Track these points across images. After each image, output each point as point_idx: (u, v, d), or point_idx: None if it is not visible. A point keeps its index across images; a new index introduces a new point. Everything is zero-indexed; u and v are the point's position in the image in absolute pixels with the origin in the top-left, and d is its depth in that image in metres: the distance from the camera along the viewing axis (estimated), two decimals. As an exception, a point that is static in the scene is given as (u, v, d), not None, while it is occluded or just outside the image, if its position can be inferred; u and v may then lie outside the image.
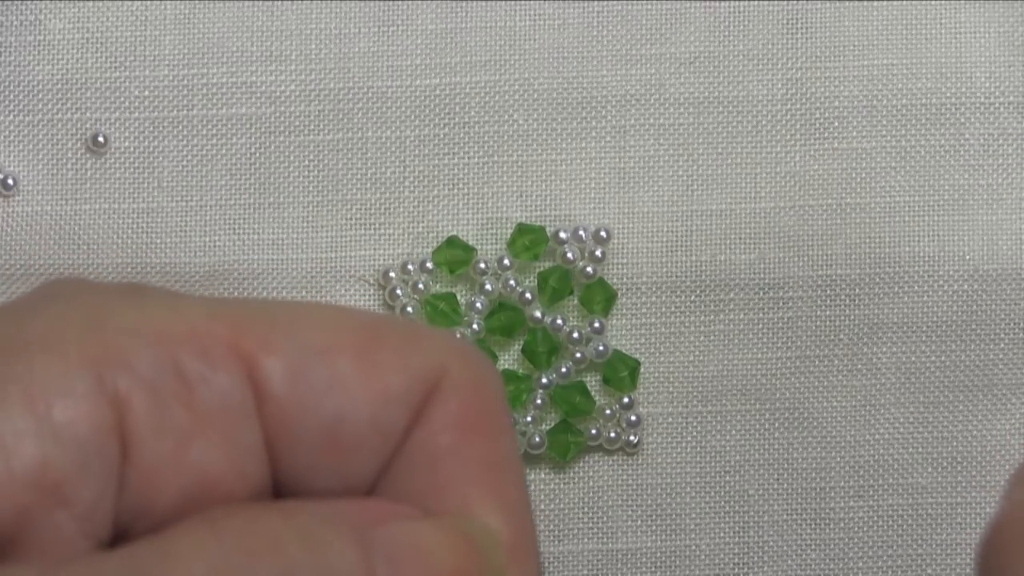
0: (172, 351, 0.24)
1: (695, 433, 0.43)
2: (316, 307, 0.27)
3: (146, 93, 0.43)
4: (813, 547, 0.43)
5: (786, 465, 0.43)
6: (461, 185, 0.43)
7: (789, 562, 0.43)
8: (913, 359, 0.43)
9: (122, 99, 0.43)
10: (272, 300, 0.26)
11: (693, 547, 0.43)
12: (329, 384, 0.25)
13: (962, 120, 0.44)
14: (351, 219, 0.43)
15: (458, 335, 0.42)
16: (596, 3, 0.44)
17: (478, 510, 0.27)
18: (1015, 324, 0.43)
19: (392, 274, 0.43)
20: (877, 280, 0.43)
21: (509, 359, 0.43)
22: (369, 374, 0.26)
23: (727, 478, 0.43)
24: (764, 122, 0.44)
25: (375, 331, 0.26)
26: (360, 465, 0.26)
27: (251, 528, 0.24)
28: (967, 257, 0.44)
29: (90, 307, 0.25)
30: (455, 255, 0.43)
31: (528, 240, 0.43)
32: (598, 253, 0.43)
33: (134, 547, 0.23)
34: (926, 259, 0.43)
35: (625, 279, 0.43)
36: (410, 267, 0.43)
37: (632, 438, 0.43)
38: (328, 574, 0.24)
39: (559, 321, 0.43)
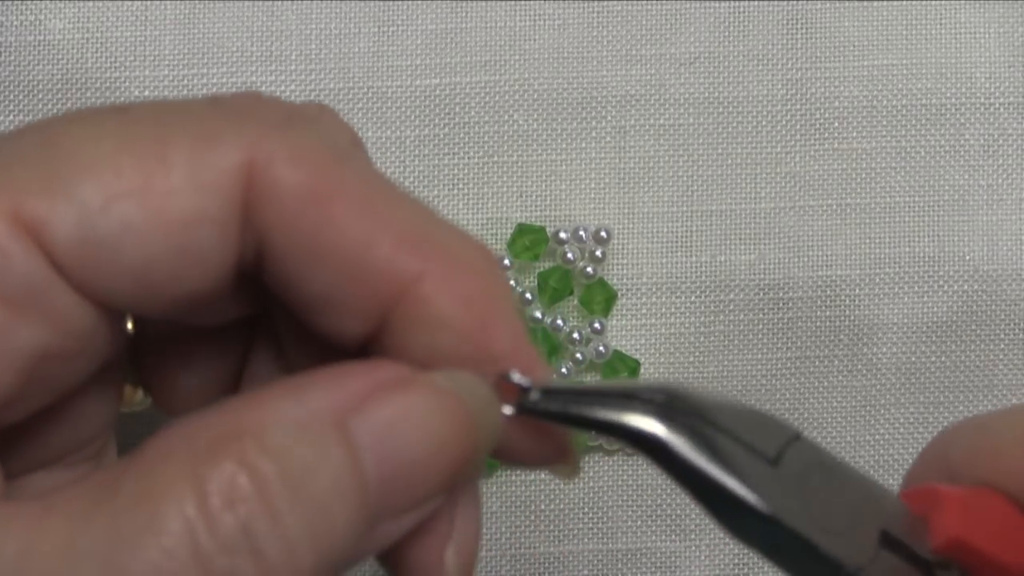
0: None
1: (695, 433, 0.43)
2: (94, 144, 0.24)
3: (146, 93, 0.43)
4: (813, 547, 0.43)
5: (786, 465, 0.43)
6: (461, 185, 0.43)
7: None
8: (913, 359, 0.43)
9: (122, 99, 0.43)
10: (57, 142, 0.24)
11: (693, 547, 0.43)
12: (117, 236, 0.24)
13: (962, 120, 0.44)
14: (351, 219, 0.43)
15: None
16: (596, 3, 0.44)
17: (402, 262, 0.25)
18: (1015, 324, 0.43)
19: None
20: (877, 280, 0.43)
21: (509, 359, 0.43)
22: (158, 209, 0.24)
23: (727, 478, 0.43)
24: (764, 122, 0.44)
25: (160, 154, 0.24)
26: (187, 294, 0.25)
27: (230, 463, 0.23)
28: (967, 257, 0.44)
29: None
30: (455, 255, 0.43)
31: (528, 240, 0.43)
32: (598, 253, 0.43)
33: (111, 524, 0.23)
34: (926, 259, 0.43)
35: (625, 279, 0.43)
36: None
37: (632, 438, 0.43)
38: (316, 487, 0.23)
39: (559, 321, 0.43)
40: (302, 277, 0.26)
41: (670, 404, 0.26)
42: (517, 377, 0.27)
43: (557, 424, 0.27)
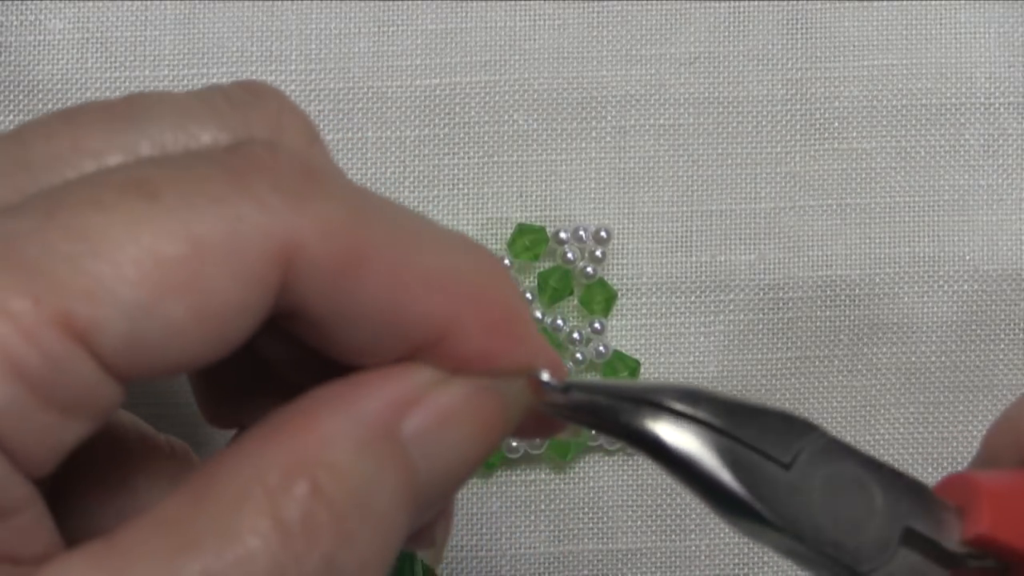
0: (16, 366, 0.23)
1: (695, 433, 0.43)
2: (132, 238, 0.24)
3: (146, 93, 0.43)
4: (813, 547, 0.43)
5: (786, 465, 0.43)
6: (461, 185, 0.43)
7: (789, 562, 0.43)
8: (913, 359, 0.43)
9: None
10: (89, 236, 0.24)
11: (693, 547, 0.43)
12: (165, 337, 0.24)
13: (962, 120, 0.44)
14: (351, 219, 0.43)
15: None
16: (596, 3, 0.44)
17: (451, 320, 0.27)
18: (1015, 324, 0.43)
19: (392, 274, 0.43)
20: (877, 280, 0.43)
21: (509, 359, 0.43)
22: (202, 307, 0.25)
23: (727, 478, 0.43)
24: (764, 122, 0.44)
25: (198, 249, 0.25)
26: (206, 367, 0.26)
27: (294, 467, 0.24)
28: (967, 257, 0.44)
29: None
30: (455, 255, 0.43)
31: (528, 240, 0.43)
32: (598, 253, 0.43)
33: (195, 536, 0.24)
34: (926, 259, 0.43)
35: (625, 279, 0.43)
36: (410, 267, 0.43)
37: (632, 438, 0.43)
38: (381, 502, 0.25)
39: (559, 321, 0.43)
40: (334, 334, 0.26)
41: (685, 410, 0.27)
42: (546, 377, 0.28)
43: (577, 424, 0.28)
